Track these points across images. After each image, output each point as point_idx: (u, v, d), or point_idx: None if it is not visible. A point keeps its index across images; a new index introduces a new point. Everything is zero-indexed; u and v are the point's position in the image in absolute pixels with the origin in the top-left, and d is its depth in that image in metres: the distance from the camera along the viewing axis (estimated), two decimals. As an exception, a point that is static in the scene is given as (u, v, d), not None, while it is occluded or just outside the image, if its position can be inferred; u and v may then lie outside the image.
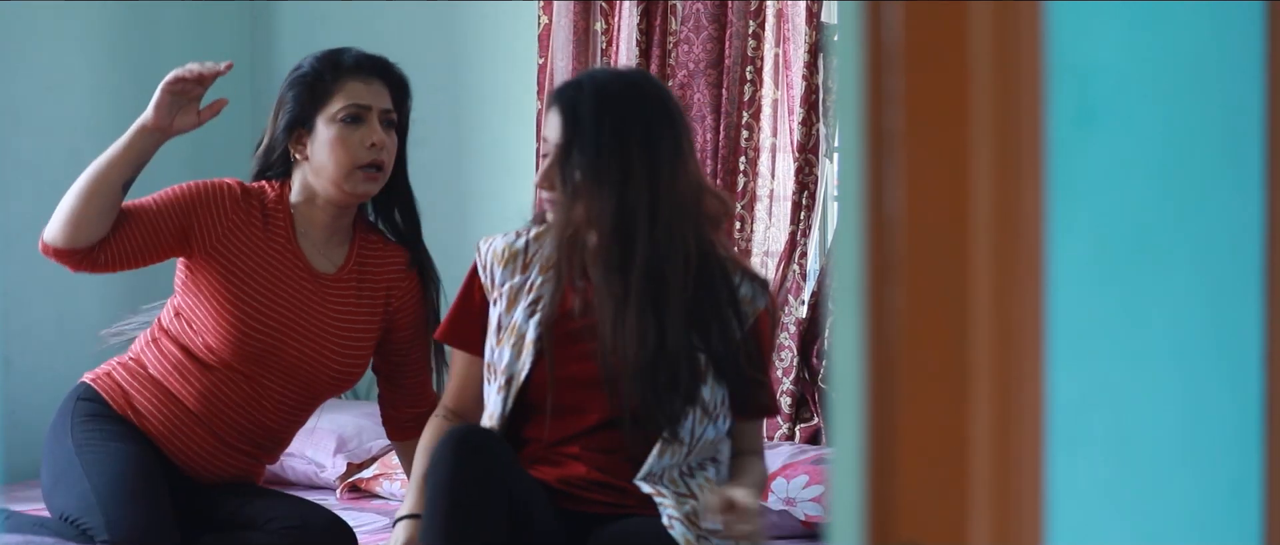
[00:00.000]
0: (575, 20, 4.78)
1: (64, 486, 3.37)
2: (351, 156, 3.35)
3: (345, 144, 3.35)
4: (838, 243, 1.43)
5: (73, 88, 4.98)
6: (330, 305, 3.43)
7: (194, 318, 3.40)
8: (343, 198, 3.39)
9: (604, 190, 2.92)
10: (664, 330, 2.94)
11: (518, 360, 3.04)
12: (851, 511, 1.38)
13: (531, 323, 3.04)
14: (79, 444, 3.39)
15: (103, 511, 3.27)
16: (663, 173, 2.93)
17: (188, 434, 3.43)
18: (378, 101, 3.38)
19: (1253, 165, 1.60)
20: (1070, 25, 1.43)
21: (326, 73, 3.37)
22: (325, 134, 3.36)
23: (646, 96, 2.99)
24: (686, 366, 2.95)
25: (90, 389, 3.48)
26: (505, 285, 3.10)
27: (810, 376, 4.60)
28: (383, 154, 3.37)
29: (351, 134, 3.35)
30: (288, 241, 3.41)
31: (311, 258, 3.44)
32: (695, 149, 3.09)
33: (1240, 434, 1.61)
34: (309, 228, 3.44)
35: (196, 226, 3.38)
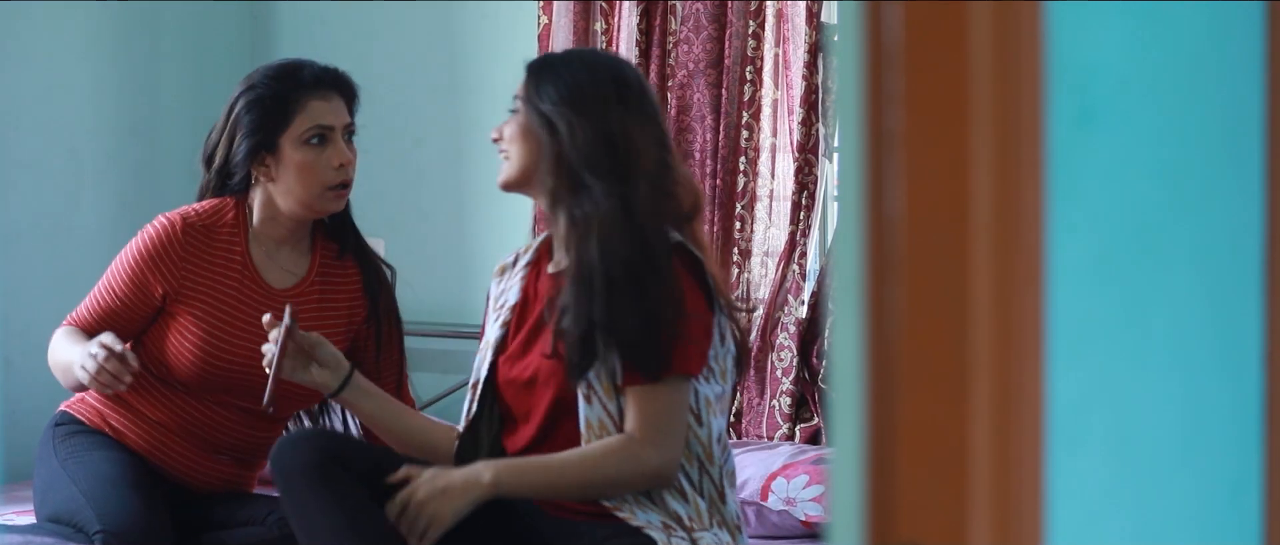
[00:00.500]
0: (575, 20, 4.78)
1: (52, 496, 3.38)
2: (322, 179, 3.34)
3: (315, 167, 3.33)
4: (838, 243, 1.43)
5: (73, 88, 4.98)
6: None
7: (161, 353, 3.40)
8: (311, 215, 3.39)
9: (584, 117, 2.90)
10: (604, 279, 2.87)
11: (483, 364, 3.04)
12: (851, 511, 1.38)
13: (496, 324, 3.06)
14: (63, 459, 3.40)
15: (92, 505, 3.28)
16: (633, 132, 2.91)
17: (170, 448, 3.43)
18: (339, 118, 3.37)
19: (1253, 165, 1.60)
20: (1070, 25, 1.43)
21: (288, 93, 3.34)
22: (293, 157, 3.33)
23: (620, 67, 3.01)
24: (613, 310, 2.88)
25: (67, 414, 3.50)
26: (492, 298, 3.12)
27: (810, 376, 4.60)
28: (349, 172, 3.37)
29: (319, 156, 3.34)
30: (243, 264, 3.39)
31: (267, 274, 3.42)
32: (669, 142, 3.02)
33: (1240, 434, 1.61)
34: (268, 243, 3.42)
35: (159, 289, 3.38)
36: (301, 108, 3.34)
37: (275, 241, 3.42)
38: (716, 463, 2.95)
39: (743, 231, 4.63)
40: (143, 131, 5.08)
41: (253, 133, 3.34)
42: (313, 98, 3.34)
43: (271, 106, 3.33)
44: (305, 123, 3.33)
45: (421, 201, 5.13)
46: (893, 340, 1.36)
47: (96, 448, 3.40)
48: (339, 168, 3.34)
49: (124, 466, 3.35)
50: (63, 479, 3.36)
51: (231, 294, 3.38)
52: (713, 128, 4.62)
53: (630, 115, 2.92)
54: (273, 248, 3.42)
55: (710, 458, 2.94)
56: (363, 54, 5.19)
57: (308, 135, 3.33)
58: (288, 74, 3.36)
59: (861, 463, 1.37)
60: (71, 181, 4.99)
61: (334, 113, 3.36)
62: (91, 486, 3.31)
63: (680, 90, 4.66)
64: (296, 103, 3.33)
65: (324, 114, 3.34)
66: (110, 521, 3.24)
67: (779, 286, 4.58)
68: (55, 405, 3.61)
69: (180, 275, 3.35)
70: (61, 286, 4.89)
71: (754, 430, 4.61)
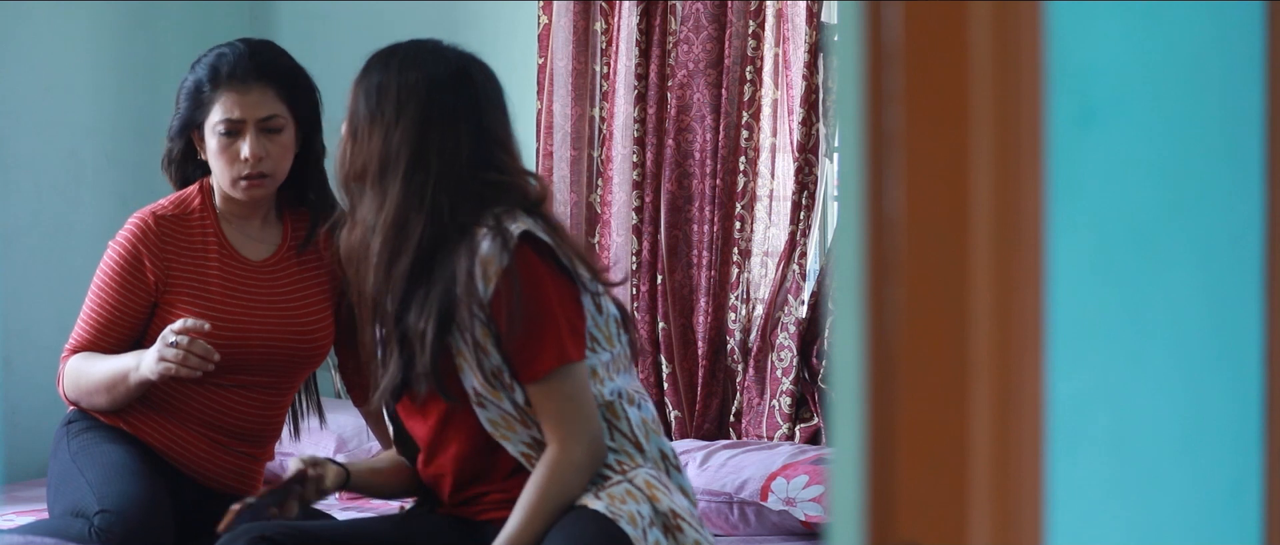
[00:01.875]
0: (575, 20, 4.78)
1: (64, 490, 3.41)
2: (231, 169, 3.40)
3: (224, 157, 3.40)
4: (838, 243, 1.43)
5: (73, 88, 4.98)
6: (278, 289, 3.48)
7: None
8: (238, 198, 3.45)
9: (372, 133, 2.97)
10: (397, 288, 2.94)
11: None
12: (851, 511, 1.38)
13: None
14: (74, 452, 3.43)
15: (94, 490, 3.31)
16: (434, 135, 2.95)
17: (185, 440, 3.46)
18: (253, 112, 3.40)
19: (1253, 165, 1.60)
20: (1070, 25, 1.43)
21: (206, 83, 3.41)
22: (210, 144, 3.42)
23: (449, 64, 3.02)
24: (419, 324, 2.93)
25: (78, 412, 3.52)
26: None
27: (810, 376, 4.60)
28: (262, 165, 3.40)
29: (229, 147, 3.40)
30: (219, 243, 3.46)
31: (243, 248, 3.48)
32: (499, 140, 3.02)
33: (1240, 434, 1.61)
34: (237, 220, 3.49)
35: (150, 278, 3.43)
36: (216, 99, 3.41)
37: (242, 217, 3.49)
38: (622, 416, 2.99)
39: (743, 231, 4.63)
40: (143, 131, 5.08)
41: (180, 118, 3.46)
42: (227, 90, 3.41)
43: (194, 93, 3.44)
44: (217, 114, 3.41)
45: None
46: (893, 340, 1.36)
47: (107, 440, 3.44)
48: (245, 161, 3.39)
49: (131, 455, 3.39)
50: (72, 471, 3.39)
51: (215, 274, 3.44)
52: (713, 128, 4.62)
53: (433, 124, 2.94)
54: (242, 224, 3.49)
55: (615, 414, 2.99)
56: (362, 54, 5.18)
57: (219, 126, 3.40)
58: (212, 63, 3.44)
59: (861, 463, 1.37)
60: (71, 181, 4.99)
61: (248, 106, 3.40)
62: (96, 474, 3.35)
63: (680, 90, 4.66)
64: (212, 93, 3.41)
65: (233, 107, 3.40)
66: (110, 502, 3.27)
67: (779, 286, 4.58)
68: (54, 405, 3.61)
69: (163, 265, 3.41)
70: (61, 286, 4.89)
71: (754, 430, 4.61)
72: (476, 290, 2.89)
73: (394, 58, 3.00)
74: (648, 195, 4.70)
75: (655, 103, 4.69)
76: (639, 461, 2.97)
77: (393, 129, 2.93)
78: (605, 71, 4.77)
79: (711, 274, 4.64)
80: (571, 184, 4.77)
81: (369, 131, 2.95)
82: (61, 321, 4.92)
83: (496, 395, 2.93)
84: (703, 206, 4.65)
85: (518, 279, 2.89)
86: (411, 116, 2.93)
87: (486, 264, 2.89)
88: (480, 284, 2.89)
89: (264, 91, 3.41)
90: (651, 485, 2.93)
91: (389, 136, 2.93)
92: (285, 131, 3.43)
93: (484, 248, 2.89)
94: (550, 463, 2.91)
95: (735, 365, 4.67)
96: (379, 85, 2.97)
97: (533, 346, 2.90)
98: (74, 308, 3.57)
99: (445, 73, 2.97)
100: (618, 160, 4.72)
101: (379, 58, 3.02)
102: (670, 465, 3.03)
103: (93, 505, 3.29)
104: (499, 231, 2.90)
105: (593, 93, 4.81)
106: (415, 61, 2.98)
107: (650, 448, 3.01)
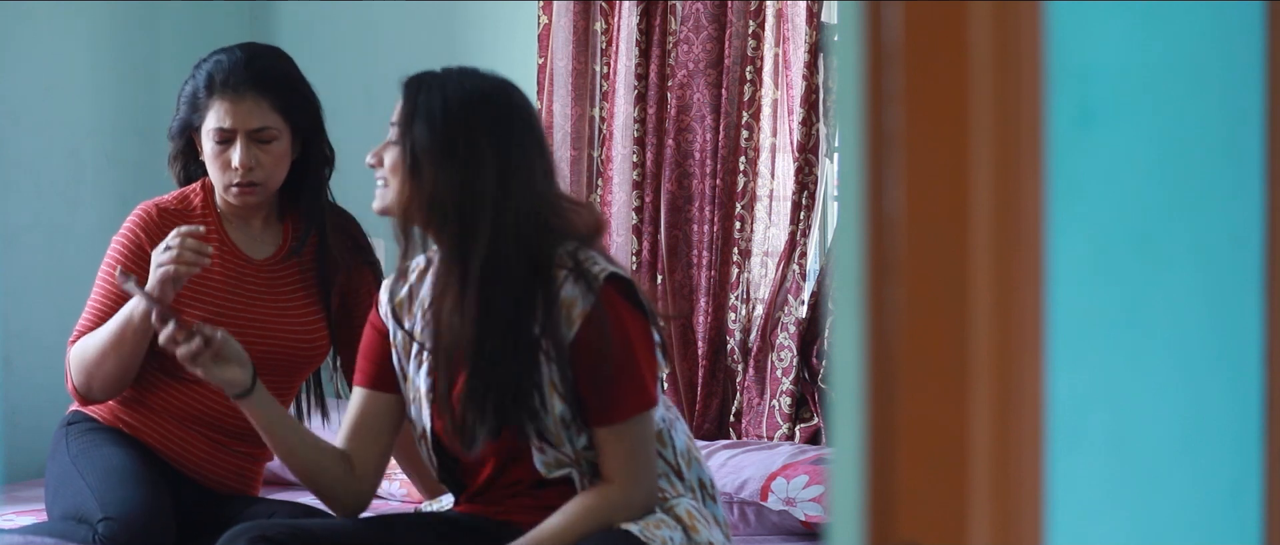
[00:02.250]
0: (575, 20, 4.78)
1: (63, 493, 3.40)
2: (223, 176, 3.42)
3: (216, 162, 3.42)
4: (838, 243, 1.43)
5: (73, 88, 4.98)
6: (279, 287, 3.48)
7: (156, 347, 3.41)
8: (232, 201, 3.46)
9: (449, 165, 2.82)
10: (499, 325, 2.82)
11: (421, 415, 2.98)
12: (851, 511, 1.38)
13: (421, 375, 2.97)
14: (74, 455, 3.43)
15: (96, 496, 3.30)
16: (514, 166, 2.82)
17: (185, 441, 3.46)
18: (244, 122, 3.39)
19: (1253, 165, 1.60)
20: (1070, 25, 1.43)
21: (201, 90, 3.43)
22: (205, 148, 3.44)
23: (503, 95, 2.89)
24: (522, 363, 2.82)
25: (79, 413, 3.53)
26: (398, 336, 3.01)
27: (810, 376, 4.60)
28: (253, 174, 3.40)
29: (221, 154, 3.41)
30: (221, 241, 3.47)
31: (246, 248, 3.50)
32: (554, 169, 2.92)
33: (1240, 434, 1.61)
34: (238, 221, 3.50)
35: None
36: (209, 107, 3.42)
37: (242, 217, 3.50)
38: (668, 444, 2.97)
39: (743, 231, 4.63)
40: (143, 131, 5.08)
41: (177, 116, 3.47)
42: (220, 99, 3.41)
43: (190, 100, 3.45)
44: (211, 122, 3.42)
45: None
46: (893, 340, 1.36)
47: (108, 443, 3.43)
48: (235, 170, 3.39)
49: (132, 459, 3.38)
50: (72, 474, 3.39)
51: (217, 272, 3.44)
52: (713, 128, 4.62)
53: (511, 155, 2.83)
54: (242, 223, 3.50)
55: (662, 442, 2.96)
56: (363, 54, 5.19)
57: (210, 133, 3.41)
58: (209, 71, 3.44)
59: (861, 463, 1.37)
60: (71, 181, 4.99)
61: (240, 115, 3.39)
62: (97, 478, 3.34)
63: (680, 90, 4.66)
64: (206, 101, 3.42)
65: (225, 116, 3.40)
66: (113, 509, 3.27)
67: (779, 286, 4.58)
68: (54, 405, 3.61)
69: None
70: (61, 286, 4.89)
71: (754, 430, 4.61)
72: (558, 332, 2.81)
73: (448, 88, 2.85)
74: (648, 195, 4.70)
75: (655, 103, 4.69)
76: (680, 490, 2.94)
77: (472, 166, 2.80)
78: (605, 71, 4.77)
79: (711, 274, 4.64)
80: (571, 184, 4.77)
81: (439, 168, 2.81)
82: (61, 321, 4.92)
83: (560, 441, 2.86)
84: (703, 206, 4.65)
85: (604, 323, 2.80)
86: (491, 152, 2.81)
87: (570, 307, 2.81)
88: (563, 327, 2.81)
89: (258, 102, 3.40)
90: (692, 516, 2.89)
91: (469, 173, 2.80)
92: (278, 141, 3.42)
93: (567, 290, 2.81)
94: (607, 497, 2.85)
95: (735, 365, 4.67)
96: (445, 120, 2.82)
97: (615, 391, 2.83)
98: (74, 308, 3.58)
99: (506, 103, 2.86)
100: (618, 160, 4.73)
101: (433, 89, 2.86)
102: (707, 495, 3.00)
103: (96, 512, 3.28)
104: (580, 272, 2.82)
105: (593, 93, 4.81)
106: (478, 93, 2.85)
107: (690, 476, 2.98)
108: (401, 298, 3.01)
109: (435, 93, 2.85)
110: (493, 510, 3.00)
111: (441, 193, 2.82)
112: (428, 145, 2.82)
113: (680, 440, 2.99)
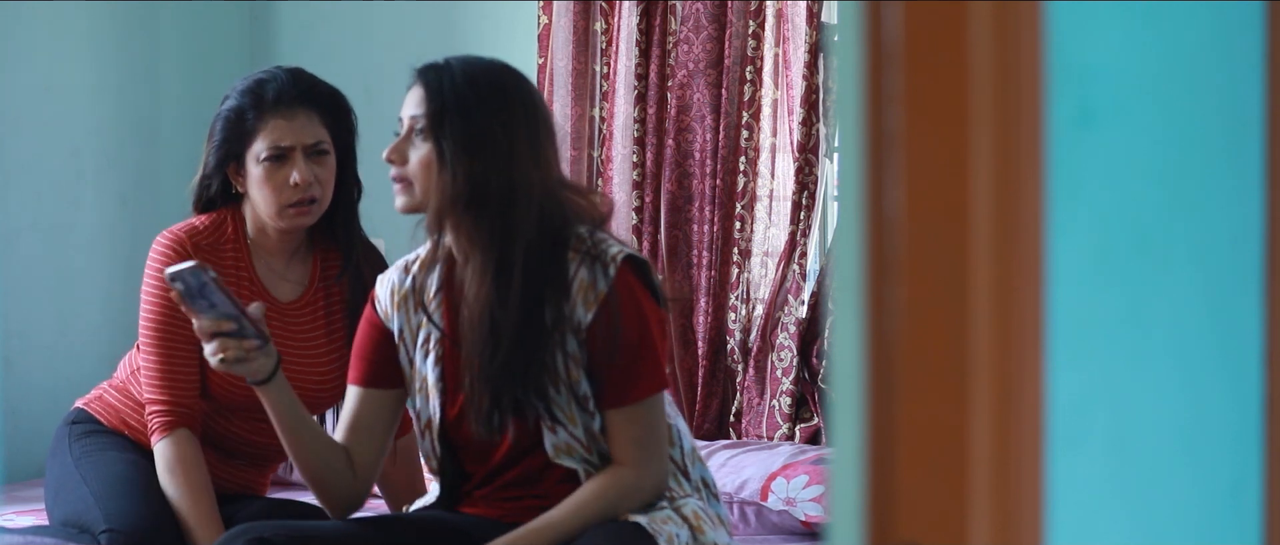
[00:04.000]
0: (575, 20, 4.78)
1: (64, 497, 3.38)
2: (278, 197, 3.32)
3: (271, 184, 3.32)
4: (838, 243, 1.43)
5: (73, 88, 4.98)
6: (302, 333, 3.41)
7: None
8: (280, 228, 3.37)
9: (486, 155, 2.81)
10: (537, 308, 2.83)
11: (428, 404, 2.97)
12: (851, 511, 1.38)
13: (429, 364, 2.96)
14: (77, 457, 3.40)
15: (100, 505, 3.28)
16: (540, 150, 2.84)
17: None
18: (300, 138, 3.33)
19: (1253, 165, 1.60)
20: (1070, 25, 1.43)
21: (249, 111, 3.33)
22: (254, 172, 3.33)
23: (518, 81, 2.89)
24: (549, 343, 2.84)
25: (83, 412, 3.49)
26: (402, 330, 3.00)
27: (810, 376, 4.60)
28: (312, 190, 3.33)
29: (276, 173, 3.32)
30: (250, 279, 3.39)
31: (273, 287, 3.41)
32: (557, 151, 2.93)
33: (1240, 434, 1.61)
34: (266, 256, 3.41)
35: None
36: (262, 126, 3.32)
37: (272, 253, 3.41)
38: (676, 442, 2.98)
39: (743, 231, 4.63)
40: (143, 131, 5.09)
41: (220, 146, 3.35)
42: (274, 116, 3.32)
43: (235, 122, 3.34)
44: (263, 142, 3.31)
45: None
46: (893, 340, 1.36)
47: (111, 448, 3.40)
48: (295, 187, 3.32)
49: (137, 468, 3.35)
50: (75, 478, 3.36)
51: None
52: (713, 128, 4.62)
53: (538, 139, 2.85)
54: (271, 259, 3.41)
55: (670, 440, 2.97)
56: (363, 54, 5.19)
57: (264, 154, 3.32)
58: (253, 90, 3.34)
59: (861, 463, 1.37)
60: (71, 181, 4.99)
61: (294, 132, 3.32)
62: (101, 486, 3.32)
63: (680, 90, 4.66)
64: (257, 121, 3.32)
65: (282, 134, 3.31)
66: (117, 521, 3.24)
67: (779, 286, 4.58)
68: (54, 405, 3.60)
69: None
70: (61, 286, 4.89)
71: (754, 430, 4.61)
72: (575, 315, 2.83)
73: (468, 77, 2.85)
74: (648, 195, 4.71)
75: (655, 103, 4.69)
76: (686, 490, 2.95)
77: (508, 153, 2.81)
78: (605, 71, 4.77)
79: (711, 274, 4.64)
80: (571, 184, 4.78)
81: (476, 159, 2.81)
82: (61, 322, 4.93)
83: (573, 421, 2.87)
84: (703, 206, 4.65)
85: (618, 305, 2.82)
86: (522, 138, 2.82)
87: (587, 289, 2.83)
88: (580, 310, 2.83)
89: (310, 116, 3.35)
90: (699, 517, 2.89)
91: (507, 160, 2.81)
92: (330, 157, 3.36)
93: (583, 272, 2.83)
94: (619, 479, 2.86)
95: (735, 365, 4.67)
96: (478, 109, 2.82)
97: (630, 373, 2.84)
98: (74, 308, 3.57)
99: (523, 89, 2.87)
100: (618, 160, 4.73)
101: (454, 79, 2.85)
102: (710, 494, 3.01)
103: (99, 521, 3.26)
104: (596, 254, 2.84)
105: (593, 93, 4.81)
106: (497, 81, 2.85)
107: (694, 475, 2.99)
108: (406, 290, 3.00)
109: (460, 83, 2.84)
110: (496, 512, 3.00)
111: (480, 183, 2.81)
112: (462, 136, 2.82)
113: (686, 440, 3.00)
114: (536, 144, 2.83)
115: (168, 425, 3.30)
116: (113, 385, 3.50)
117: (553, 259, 2.83)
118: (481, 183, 2.81)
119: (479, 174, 2.81)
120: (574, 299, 2.82)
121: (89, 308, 4.93)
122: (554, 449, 2.88)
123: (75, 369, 4.80)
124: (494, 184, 2.81)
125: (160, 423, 3.30)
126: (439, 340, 2.95)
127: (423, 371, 2.98)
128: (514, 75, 2.90)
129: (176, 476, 3.28)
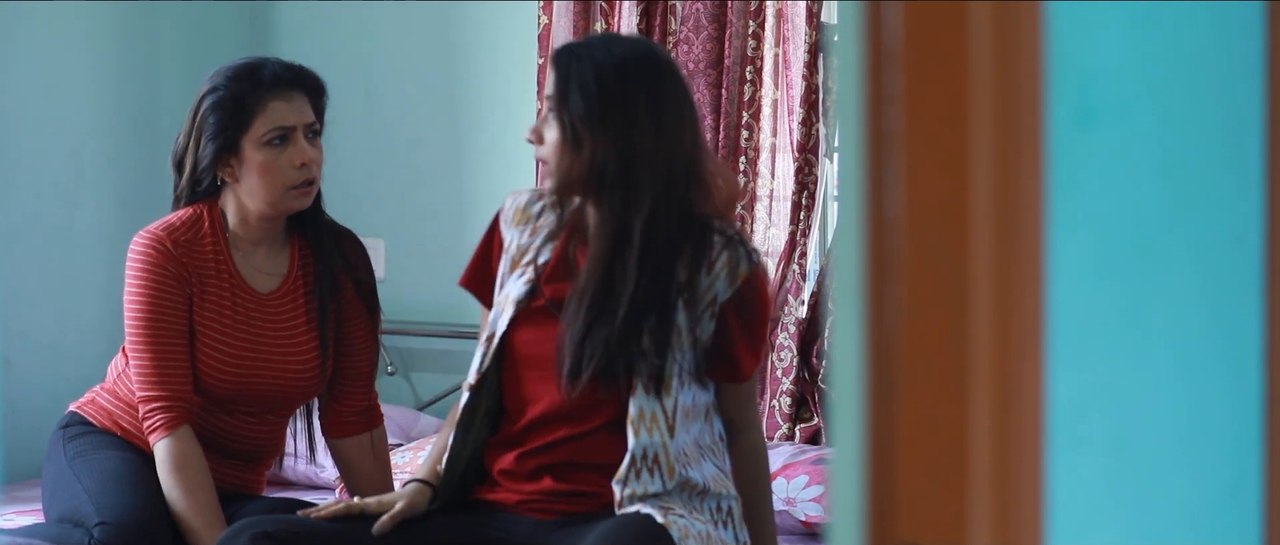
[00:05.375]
0: (575, 20, 4.78)
1: (60, 495, 3.38)
2: (283, 179, 3.32)
3: (275, 167, 3.32)
4: (838, 243, 1.43)
5: (73, 88, 4.98)
6: (282, 325, 3.41)
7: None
8: (277, 214, 3.37)
9: (607, 133, 2.90)
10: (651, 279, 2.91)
11: (500, 318, 3.03)
12: (851, 511, 1.38)
13: (520, 282, 3.03)
14: (71, 457, 3.40)
15: (93, 500, 3.28)
16: (667, 128, 2.92)
17: None
18: (300, 117, 3.34)
19: (1253, 165, 1.60)
20: (1070, 25, 1.43)
21: (247, 94, 3.31)
22: (254, 158, 3.32)
23: (649, 60, 2.96)
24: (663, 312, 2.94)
25: (76, 415, 3.50)
26: (513, 245, 3.09)
27: (810, 376, 4.60)
28: (313, 170, 3.35)
29: (279, 156, 3.32)
30: (229, 273, 3.38)
31: (252, 280, 3.41)
32: (701, 131, 3.06)
33: (1240, 434, 1.61)
34: (247, 248, 3.40)
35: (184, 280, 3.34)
36: (262, 109, 3.32)
37: (252, 244, 3.40)
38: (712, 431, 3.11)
39: (743, 231, 4.64)
40: (143, 131, 5.08)
41: (216, 136, 3.32)
42: (273, 98, 3.32)
43: (232, 108, 3.32)
44: (265, 124, 3.31)
45: (421, 202, 5.13)
46: (893, 340, 1.36)
47: (104, 447, 3.41)
48: (300, 167, 3.32)
49: (130, 464, 3.36)
50: (69, 477, 3.37)
51: (225, 305, 3.37)
52: (713, 128, 4.62)
53: (665, 117, 2.92)
54: (250, 251, 3.41)
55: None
56: (362, 54, 5.19)
57: (268, 136, 3.31)
58: (248, 74, 3.34)
59: (861, 463, 1.37)
60: (71, 181, 4.99)
61: (295, 112, 3.33)
62: (95, 483, 3.32)
63: (680, 90, 4.66)
64: (257, 103, 3.31)
65: (284, 115, 3.32)
66: (110, 514, 3.25)
67: (779, 286, 4.58)
68: (54, 405, 3.60)
69: (188, 277, 3.34)
70: (61, 286, 4.89)
71: (754, 430, 4.61)
72: (714, 288, 2.95)
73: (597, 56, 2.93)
74: (648, 195, 4.71)
75: (655, 103, 4.69)
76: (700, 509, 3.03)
77: (630, 131, 2.90)
78: (605, 71, 4.77)
79: (711, 274, 4.64)
80: (571, 184, 4.78)
81: (598, 137, 2.90)
82: (61, 321, 4.93)
83: (669, 391, 2.94)
84: (703, 206, 4.65)
85: (757, 286, 2.99)
86: (646, 116, 2.91)
87: (733, 266, 2.95)
88: (722, 284, 2.95)
89: (303, 98, 3.37)
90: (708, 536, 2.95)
91: (628, 138, 2.90)
92: (319, 139, 3.39)
93: (728, 251, 2.96)
94: (754, 441, 3.09)
95: (735, 365, 4.67)
96: (599, 88, 2.90)
97: (754, 350, 3.02)
98: (74, 308, 3.57)
99: (655, 66, 2.95)
100: (618, 160, 4.73)
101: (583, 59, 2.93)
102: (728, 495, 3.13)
103: (92, 516, 3.26)
104: (740, 240, 2.99)
105: (593, 93, 4.81)
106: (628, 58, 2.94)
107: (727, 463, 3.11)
108: (531, 212, 3.09)
109: (586, 62, 2.93)
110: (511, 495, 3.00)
111: (601, 160, 2.91)
112: (584, 115, 2.91)
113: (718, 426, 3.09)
114: (659, 122, 2.91)
115: (168, 423, 3.30)
116: (104, 388, 3.51)
117: (688, 235, 2.94)
118: (601, 160, 2.90)
119: (599, 152, 2.90)
120: (718, 274, 2.94)
121: (89, 308, 4.93)
122: (638, 413, 2.92)
123: (75, 369, 4.80)
124: (613, 161, 2.90)
125: (161, 419, 3.30)
126: (545, 265, 3.02)
127: (508, 289, 3.05)
128: (648, 54, 2.98)
129: (181, 475, 3.29)
